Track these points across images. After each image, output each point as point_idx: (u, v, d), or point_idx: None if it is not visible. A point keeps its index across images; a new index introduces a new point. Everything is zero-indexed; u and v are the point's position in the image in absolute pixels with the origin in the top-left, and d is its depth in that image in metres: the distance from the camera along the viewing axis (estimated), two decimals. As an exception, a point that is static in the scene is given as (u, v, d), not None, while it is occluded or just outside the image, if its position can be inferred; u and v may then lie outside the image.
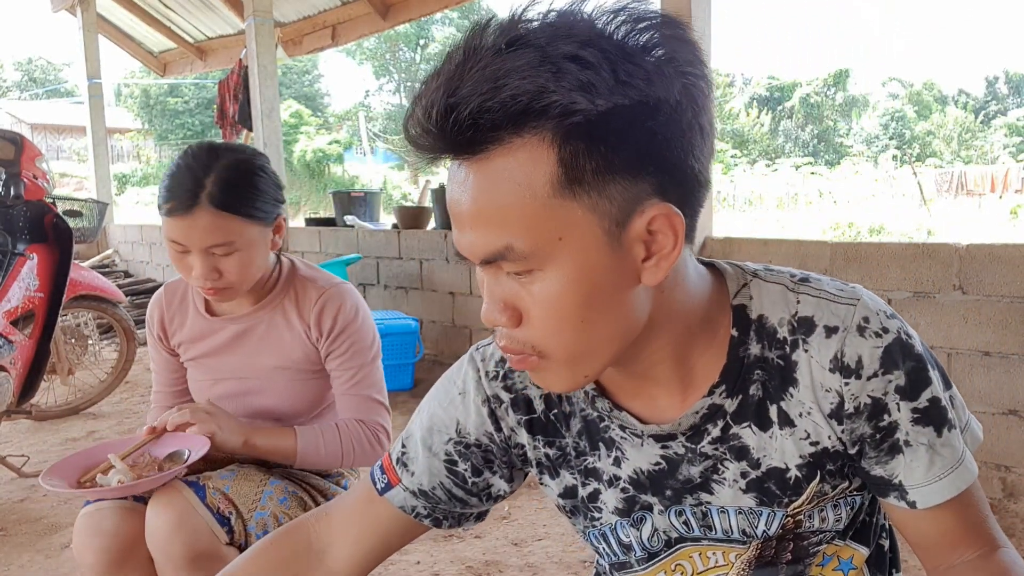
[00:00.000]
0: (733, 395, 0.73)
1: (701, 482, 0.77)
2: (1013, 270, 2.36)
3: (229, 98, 6.40)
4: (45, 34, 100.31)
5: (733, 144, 30.66)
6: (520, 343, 0.67)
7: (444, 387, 0.86)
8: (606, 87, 0.58)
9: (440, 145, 0.61)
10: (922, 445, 0.71)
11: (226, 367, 1.47)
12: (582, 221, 0.61)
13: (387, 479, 0.86)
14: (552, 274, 0.63)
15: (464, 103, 0.58)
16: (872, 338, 0.70)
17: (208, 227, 1.29)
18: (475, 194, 0.62)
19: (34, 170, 3.00)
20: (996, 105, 40.37)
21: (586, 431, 0.80)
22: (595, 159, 0.60)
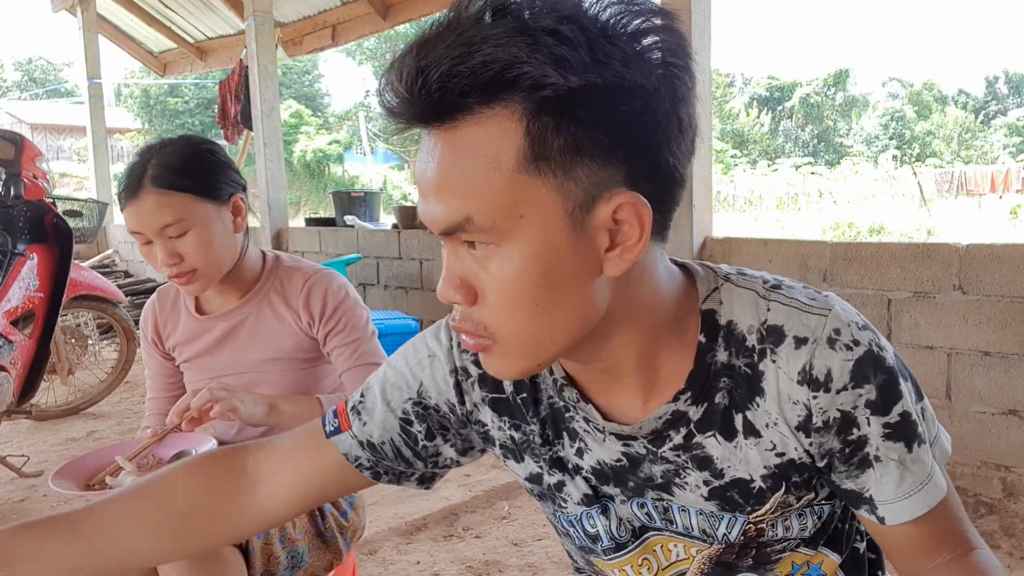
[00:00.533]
0: (698, 403, 0.71)
1: (663, 482, 0.76)
2: (1013, 270, 2.36)
3: (230, 98, 6.40)
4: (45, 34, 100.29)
5: (733, 144, 30.66)
6: (474, 323, 0.66)
7: (415, 347, 0.83)
8: (581, 64, 0.57)
9: (411, 111, 0.60)
10: (892, 461, 0.69)
11: (220, 365, 1.48)
12: (545, 200, 0.60)
13: (338, 423, 0.83)
14: (510, 252, 0.61)
15: (435, 67, 0.57)
16: (843, 351, 0.67)
17: (154, 207, 1.31)
18: (441, 163, 0.61)
19: (34, 170, 3.00)
20: (996, 105, 40.37)
21: (551, 419, 0.79)
22: (564, 137, 0.58)
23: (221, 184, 1.39)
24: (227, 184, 1.40)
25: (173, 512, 0.82)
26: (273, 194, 5.57)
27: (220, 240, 1.38)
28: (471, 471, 2.95)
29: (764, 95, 37.16)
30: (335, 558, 1.43)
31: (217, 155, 1.41)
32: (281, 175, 5.65)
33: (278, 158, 5.60)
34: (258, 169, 5.61)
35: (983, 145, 33.15)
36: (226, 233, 1.39)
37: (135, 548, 0.82)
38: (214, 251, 1.37)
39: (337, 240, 5.14)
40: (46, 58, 43.22)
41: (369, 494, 2.65)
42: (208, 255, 1.36)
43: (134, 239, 1.37)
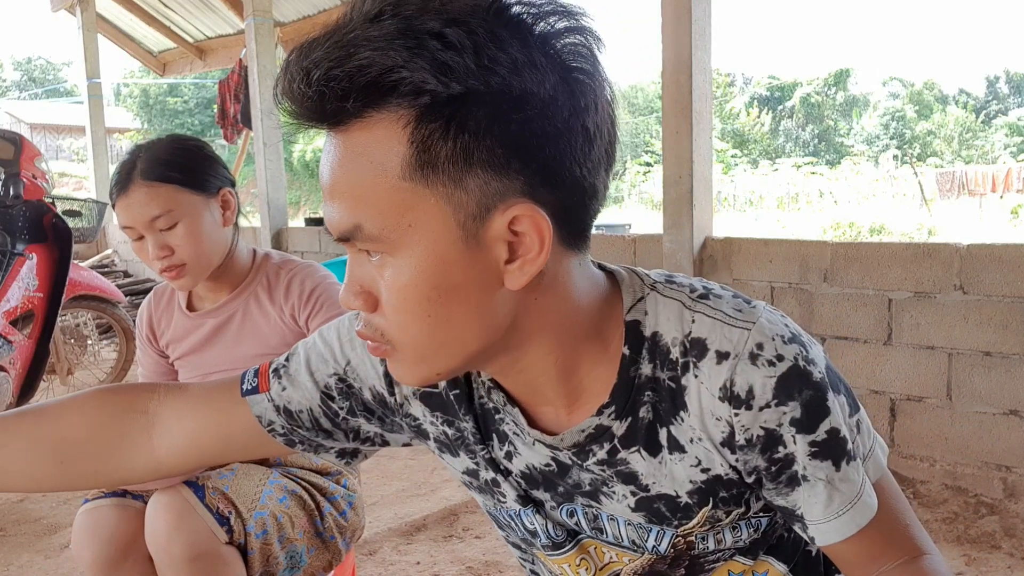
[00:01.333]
0: (622, 417, 0.69)
1: (591, 490, 0.74)
2: (1014, 270, 2.36)
3: (230, 98, 6.40)
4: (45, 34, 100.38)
5: (733, 144, 30.66)
6: (373, 329, 0.64)
7: (350, 323, 0.79)
8: (464, 70, 0.55)
9: (297, 110, 0.59)
10: (820, 480, 0.67)
11: (210, 361, 1.49)
12: (434, 210, 0.58)
13: (256, 383, 0.79)
14: (401, 261, 0.60)
15: (314, 68, 0.56)
16: (765, 367, 0.64)
17: (143, 200, 1.34)
18: (334, 167, 0.60)
19: (33, 170, 2.99)
20: (997, 105, 40.38)
21: (483, 418, 0.76)
22: (451, 146, 0.56)
23: (209, 177, 1.41)
24: (215, 177, 1.42)
25: (61, 438, 0.79)
26: (273, 194, 5.57)
27: (209, 232, 1.40)
28: (471, 471, 2.95)
29: (764, 95, 37.17)
30: (334, 558, 1.43)
31: (204, 150, 1.44)
32: (281, 175, 5.65)
33: (278, 158, 5.60)
34: (258, 169, 5.61)
35: (984, 145, 33.16)
36: (215, 226, 1.41)
37: (16, 470, 0.79)
38: (203, 243, 1.38)
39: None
40: (45, 58, 43.26)
41: (369, 494, 2.65)
42: (197, 247, 1.38)
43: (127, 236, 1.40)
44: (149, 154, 1.38)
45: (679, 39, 3.07)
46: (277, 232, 5.60)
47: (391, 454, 3.23)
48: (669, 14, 3.12)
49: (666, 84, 3.24)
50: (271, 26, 5.65)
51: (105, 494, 1.33)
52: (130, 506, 1.32)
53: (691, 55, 3.04)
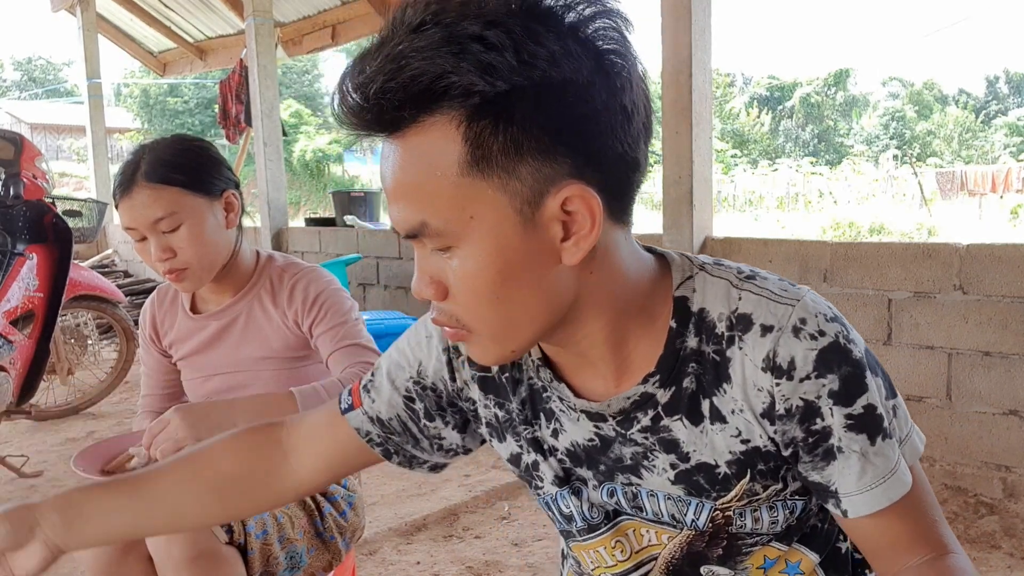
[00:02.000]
0: (666, 386, 0.73)
1: (631, 464, 0.77)
2: (1014, 270, 2.36)
3: (231, 98, 6.40)
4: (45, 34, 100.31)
5: (733, 144, 30.66)
6: (448, 316, 0.69)
7: (416, 328, 0.88)
8: (507, 68, 0.59)
9: (356, 122, 0.63)
10: (854, 452, 0.69)
11: (213, 363, 1.49)
12: (493, 200, 0.62)
13: (351, 401, 0.88)
14: (467, 251, 0.64)
15: (370, 83, 0.60)
16: (807, 340, 0.68)
17: (147, 201, 1.33)
18: (394, 170, 0.64)
19: (34, 170, 2.99)
20: (997, 105, 40.37)
21: (530, 399, 0.81)
22: (502, 139, 0.60)
23: (212, 179, 1.40)
24: (219, 179, 1.41)
25: (219, 478, 0.89)
26: (273, 194, 5.57)
27: (212, 235, 1.38)
28: (471, 471, 2.95)
29: (764, 95, 37.17)
30: (334, 558, 1.43)
31: (208, 151, 1.43)
32: (281, 175, 5.65)
33: (278, 158, 5.60)
34: (258, 169, 5.61)
35: (984, 145, 33.16)
36: (218, 228, 1.40)
37: (186, 512, 0.89)
38: (206, 246, 1.37)
39: (337, 240, 5.14)
40: (46, 58, 43.26)
41: (369, 494, 2.65)
42: (200, 249, 1.37)
43: (129, 237, 1.39)
44: (153, 155, 1.36)
45: (679, 39, 3.07)
46: (277, 232, 5.60)
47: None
48: (669, 14, 3.12)
49: (666, 84, 3.24)
50: (271, 26, 5.65)
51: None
52: (130, 506, 1.32)
53: (691, 55, 3.04)
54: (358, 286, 4.94)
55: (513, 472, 0.88)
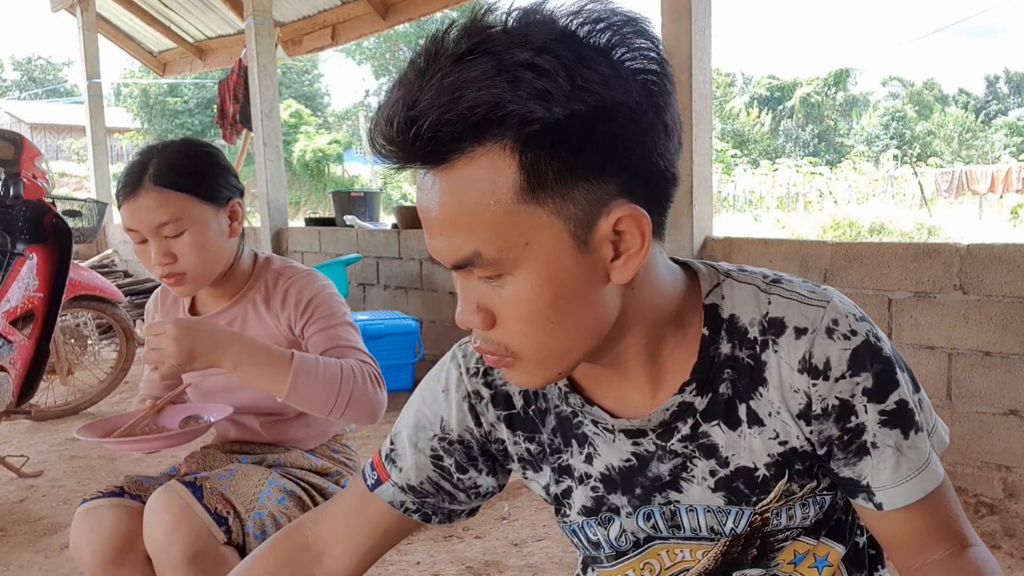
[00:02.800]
0: (703, 393, 0.74)
1: (670, 480, 0.78)
2: (1014, 270, 2.36)
3: (229, 98, 6.40)
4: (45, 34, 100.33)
5: (733, 144, 30.65)
6: (494, 344, 0.68)
7: (429, 385, 0.87)
8: (562, 94, 0.58)
9: (403, 155, 0.62)
10: (889, 447, 0.72)
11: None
12: (548, 225, 0.62)
13: (376, 476, 0.87)
14: (521, 278, 0.64)
15: (423, 116, 0.59)
16: (840, 340, 0.70)
17: (152, 205, 1.32)
18: (442, 202, 0.63)
19: (33, 170, 2.99)
20: (997, 105, 40.37)
21: (560, 428, 0.81)
22: (556, 165, 0.60)
23: (220, 187, 1.39)
24: (226, 188, 1.41)
25: None
26: (273, 194, 5.57)
27: (215, 243, 1.38)
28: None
29: (764, 95, 37.16)
30: (334, 559, 1.43)
31: (218, 158, 1.42)
32: (281, 175, 5.64)
33: (278, 158, 5.59)
34: (258, 169, 5.61)
35: (984, 145, 33.15)
36: (221, 237, 1.40)
37: None
38: (208, 254, 1.37)
39: (337, 240, 5.14)
40: (45, 58, 43.24)
41: (369, 494, 2.65)
42: (201, 257, 1.36)
43: (128, 235, 1.38)
44: (162, 158, 1.35)
45: (679, 39, 3.07)
46: (277, 232, 5.60)
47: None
48: (669, 14, 3.12)
49: (666, 84, 3.23)
50: (271, 26, 5.65)
51: (103, 493, 1.33)
52: (128, 506, 1.32)
53: (691, 55, 3.04)
54: (358, 286, 4.93)
55: (546, 500, 0.88)
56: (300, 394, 1.24)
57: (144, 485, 1.38)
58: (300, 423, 1.53)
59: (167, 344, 1.20)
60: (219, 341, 1.23)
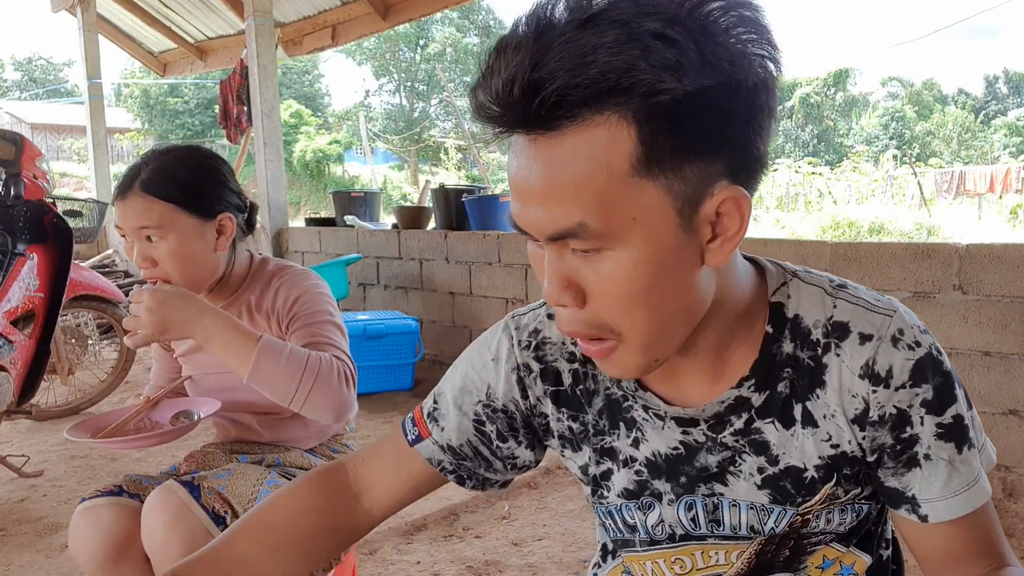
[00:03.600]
0: (761, 390, 0.74)
1: (717, 472, 0.77)
2: (1013, 270, 2.36)
3: (231, 98, 6.40)
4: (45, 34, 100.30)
5: (733, 144, 30.55)
6: (588, 325, 0.66)
7: (478, 351, 0.87)
8: (692, 67, 0.57)
9: (516, 119, 0.60)
10: (942, 460, 0.72)
11: (207, 363, 1.50)
12: (656, 201, 0.60)
13: (417, 431, 0.88)
14: (622, 253, 0.62)
15: (550, 79, 0.56)
16: (905, 350, 0.70)
17: (138, 209, 1.34)
18: (549, 170, 0.60)
19: (34, 170, 2.99)
20: (996, 105, 40.37)
21: (608, 410, 0.81)
22: (674, 140, 0.59)
23: (211, 201, 1.39)
24: (217, 202, 1.40)
25: (301, 539, 0.86)
26: (273, 194, 5.57)
27: (197, 256, 1.38)
28: (471, 471, 2.95)
29: (764, 95, 37.08)
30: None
31: (217, 171, 1.41)
32: (281, 175, 5.65)
33: (278, 158, 5.60)
34: (258, 169, 5.61)
35: (983, 145, 33.15)
36: (205, 251, 1.39)
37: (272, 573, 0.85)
38: (187, 265, 1.37)
39: (337, 240, 5.14)
40: (46, 58, 43.24)
41: (369, 494, 2.65)
42: (179, 267, 1.36)
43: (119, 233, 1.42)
44: (157, 164, 1.37)
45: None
46: (277, 232, 5.60)
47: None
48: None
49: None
50: (271, 26, 5.66)
51: (102, 493, 1.33)
52: (126, 505, 1.32)
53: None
54: (358, 286, 4.94)
55: (581, 480, 0.88)
56: (262, 375, 1.24)
57: (143, 484, 1.38)
58: (298, 422, 1.53)
59: (142, 313, 1.24)
60: (191, 314, 1.25)
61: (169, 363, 1.60)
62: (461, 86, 33.35)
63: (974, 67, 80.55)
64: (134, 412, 1.46)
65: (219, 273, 1.44)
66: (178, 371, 1.59)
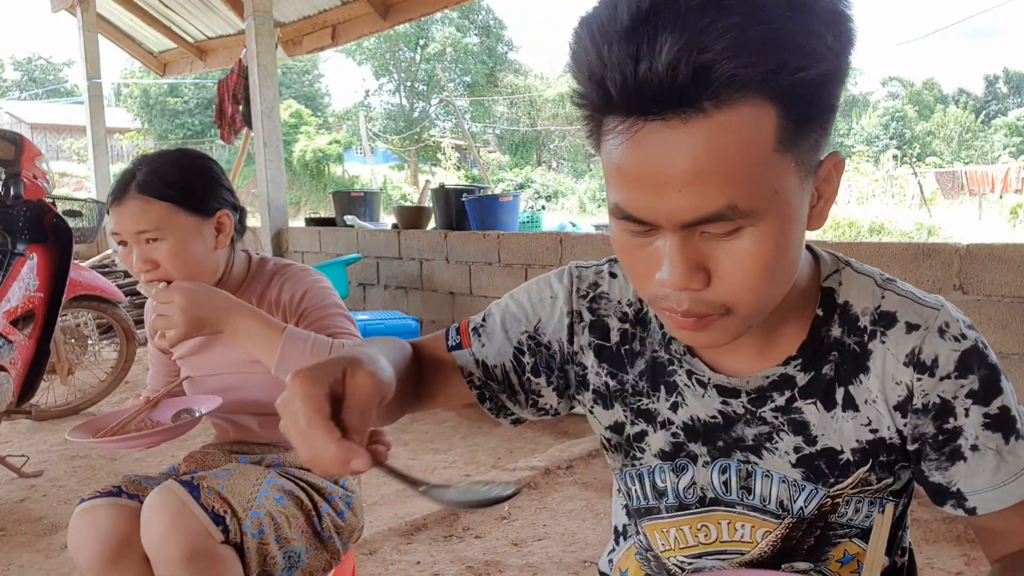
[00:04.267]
0: (806, 370, 0.76)
1: (753, 445, 0.79)
2: (1013, 270, 2.36)
3: (228, 98, 6.40)
4: (45, 34, 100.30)
5: (733, 144, 30.54)
6: (708, 305, 0.65)
7: (538, 286, 0.88)
8: (831, 50, 0.59)
9: (670, 101, 0.57)
10: (990, 450, 0.73)
11: (207, 364, 1.50)
12: (791, 172, 0.62)
13: (459, 339, 0.88)
14: (762, 230, 0.62)
15: (718, 62, 0.55)
16: (951, 341, 0.72)
17: (135, 212, 1.34)
18: (697, 154, 0.58)
19: (34, 170, 2.99)
20: (996, 105, 40.37)
21: (650, 372, 0.82)
22: (809, 113, 0.61)
23: (207, 199, 1.40)
24: (214, 200, 1.41)
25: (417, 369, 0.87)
26: (273, 194, 5.57)
27: (196, 254, 1.38)
28: (471, 471, 2.95)
29: (764, 95, 37.06)
30: (333, 558, 1.43)
31: (210, 171, 1.43)
32: (281, 175, 5.64)
33: (278, 158, 5.59)
34: (258, 169, 5.61)
35: (983, 145, 33.15)
36: (205, 249, 1.40)
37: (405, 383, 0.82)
38: (188, 264, 1.37)
39: (337, 240, 5.14)
40: (46, 58, 43.21)
41: (369, 494, 2.65)
42: (181, 266, 1.36)
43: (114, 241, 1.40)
44: (151, 167, 1.37)
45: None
46: (277, 232, 5.60)
47: (391, 455, 3.22)
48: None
49: (666, 84, 3.23)
50: (271, 26, 5.65)
51: (100, 493, 1.33)
52: (126, 505, 1.32)
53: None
54: (358, 286, 4.94)
55: (606, 441, 0.88)
56: (288, 364, 1.26)
57: (142, 485, 1.38)
58: None
59: (174, 313, 1.26)
60: (222, 308, 1.28)
61: (167, 366, 1.60)
62: (461, 86, 33.36)
63: (974, 67, 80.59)
64: (135, 412, 1.46)
65: (220, 272, 1.44)
66: (176, 374, 1.59)
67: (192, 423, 1.40)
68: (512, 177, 24.73)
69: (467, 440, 3.37)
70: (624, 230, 0.66)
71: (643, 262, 0.66)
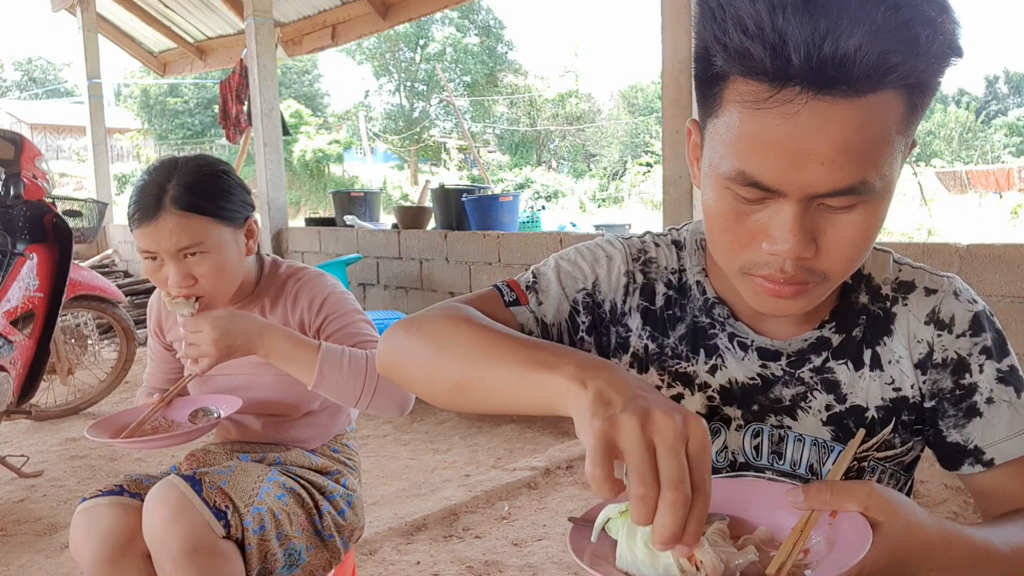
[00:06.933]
0: (840, 332, 0.83)
1: (789, 406, 0.83)
2: (1013, 270, 2.36)
3: (231, 98, 6.40)
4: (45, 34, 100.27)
5: (733, 144, 30.53)
6: (811, 273, 0.70)
7: (591, 249, 0.91)
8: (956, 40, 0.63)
9: (841, 83, 0.61)
10: (1004, 402, 0.80)
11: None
12: (900, 154, 0.67)
13: (515, 296, 0.88)
14: (872, 206, 0.67)
15: (893, 53, 0.60)
16: (965, 303, 0.82)
17: (175, 229, 1.30)
18: (844, 131, 0.62)
19: (34, 170, 2.99)
20: (996, 105, 40.37)
21: (691, 336, 0.86)
22: (926, 101, 0.66)
23: (238, 208, 1.39)
24: (242, 207, 1.41)
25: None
26: (273, 194, 5.57)
27: (233, 264, 1.38)
28: (471, 471, 2.95)
29: (764, 95, 37.04)
30: (333, 557, 1.43)
31: (232, 177, 1.42)
32: (281, 175, 5.64)
33: (278, 158, 5.59)
34: (258, 169, 5.61)
35: (984, 145, 33.15)
36: (239, 257, 1.40)
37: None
38: (226, 275, 1.37)
39: (337, 240, 5.14)
40: (46, 58, 43.28)
41: (369, 494, 2.65)
42: (220, 279, 1.36)
43: (142, 256, 1.35)
44: (180, 180, 1.32)
45: (679, 39, 3.07)
46: (277, 232, 5.60)
47: (391, 454, 3.23)
48: (669, 14, 3.12)
49: (666, 84, 3.24)
50: (271, 26, 5.65)
51: (102, 492, 1.33)
52: (127, 504, 1.32)
53: (691, 55, 3.03)
54: (358, 286, 4.94)
55: None
56: (327, 383, 1.29)
57: (143, 484, 1.38)
58: (303, 424, 1.53)
59: (205, 343, 1.27)
60: (252, 334, 1.30)
61: (170, 363, 1.59)
62: (461, 86, 33.35)
63: (974, 67, 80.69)
64: (150, 411, 1.45)
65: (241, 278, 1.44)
66: (176, 371, 1.59)
67: (213, 425, 1.40)
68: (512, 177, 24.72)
69: (467, 440, 3.37)
70: (735, 198, 0.68)
71: (746, 230, 0.69)
